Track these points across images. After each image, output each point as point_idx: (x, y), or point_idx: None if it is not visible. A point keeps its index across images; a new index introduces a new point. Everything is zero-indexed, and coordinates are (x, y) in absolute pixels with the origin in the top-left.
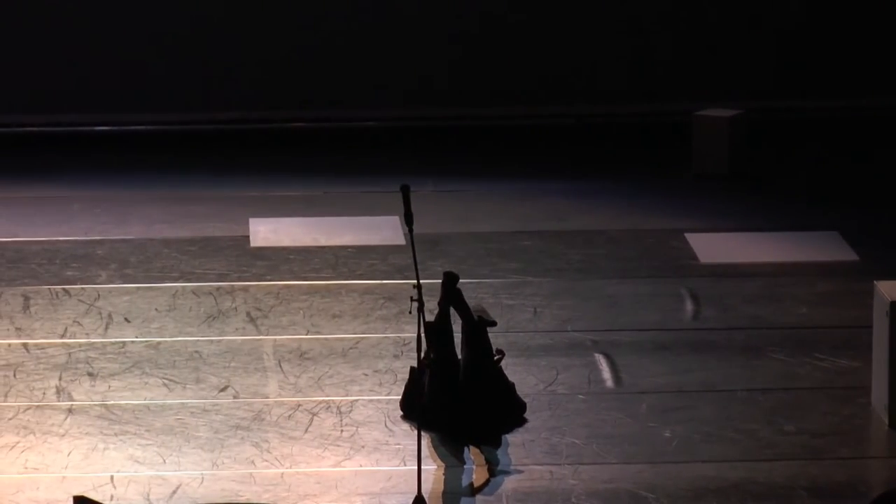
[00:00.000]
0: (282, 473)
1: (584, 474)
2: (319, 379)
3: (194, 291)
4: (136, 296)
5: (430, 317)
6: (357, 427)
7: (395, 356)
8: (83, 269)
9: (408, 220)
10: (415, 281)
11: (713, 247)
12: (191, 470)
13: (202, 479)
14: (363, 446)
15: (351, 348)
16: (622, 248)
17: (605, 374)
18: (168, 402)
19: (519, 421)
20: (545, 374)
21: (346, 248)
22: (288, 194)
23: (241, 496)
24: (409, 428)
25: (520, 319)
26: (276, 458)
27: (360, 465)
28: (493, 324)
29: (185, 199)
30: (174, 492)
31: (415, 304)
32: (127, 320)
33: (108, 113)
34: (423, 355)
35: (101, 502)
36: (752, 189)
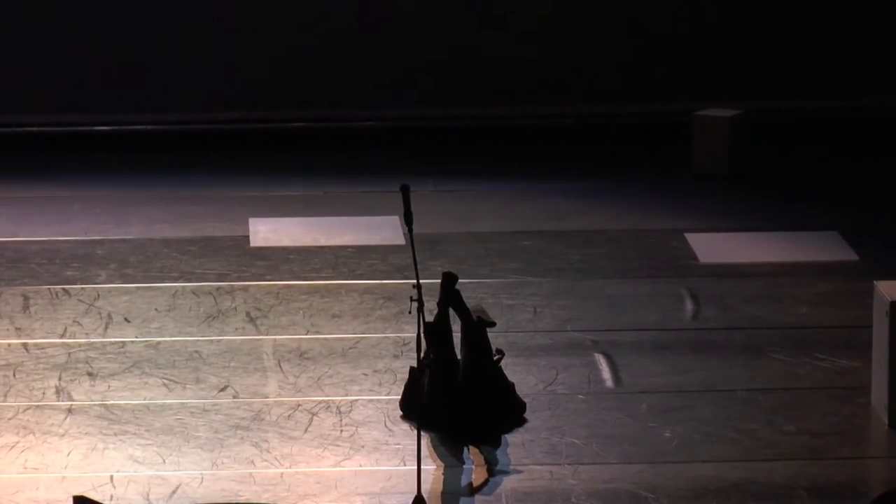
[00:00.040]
0: (281, 473)
1: (584, 474)
2: (319, 379)
3: (194, 291)
4: (136, 296)
5: (429, 317)
6: (357, 427)
7: (395, 356)
8: (83, 268)
9: (408, 220)
10: (414, 281)
11: (713, 247)
12: (190, 470)
13: (202, 478)
14: (363, 446)
15: (351, 348)
16: (622, 248)
17: (605, 374)
18: (168, 402)
19: (519, 421)
20: (545, 373)
21: (345, 248)
22: (288, 194)
23: (241, 496)
24: (408, 428)
25: (519, 319)
26: (275, 458)
27: (360, 465)
28: (492, 324)
29: (185, 199)
30: (174, 492)
31: (414, 304)
32: (127, 320)
33: (108, 113)
34: (422, 355)
35: (101, 502)
36: (752, 189)
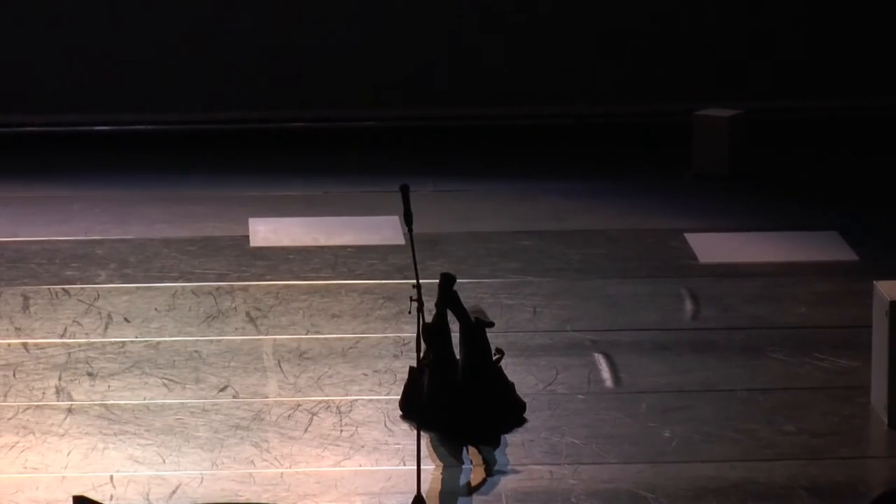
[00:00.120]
0: (281, 473)
1: (584, 474)
2: (319, 379)
3: (194, 291)
4: (136, 296)
5: (429, 317)
6: (357, 427)
7: (395, 356)
8: (83, 268)
9: (407, 219)
10: (414, 281)
11: (713, 247)
12: (190, 470)
13: (202, 478)
14: (363, 446)
15: (350, 348)
16: (622, 248)
17: (605, 373)
18: (168, 401)
19: (518, 421)
20: (545, 373)
21: (345, 247)
22: (288, 194)
23: (241, 496)
24: (408, 428)
25: (519, 319)
26: (275, 458)
27: (360, 465)
28: (491, 324)
29: (185, 199)
30: (174, 492)
31: (414, 304)
32: (126, 320)
33: (108, 113)
34: (422, 355)
35: (101, 502)
36: (751, 189)
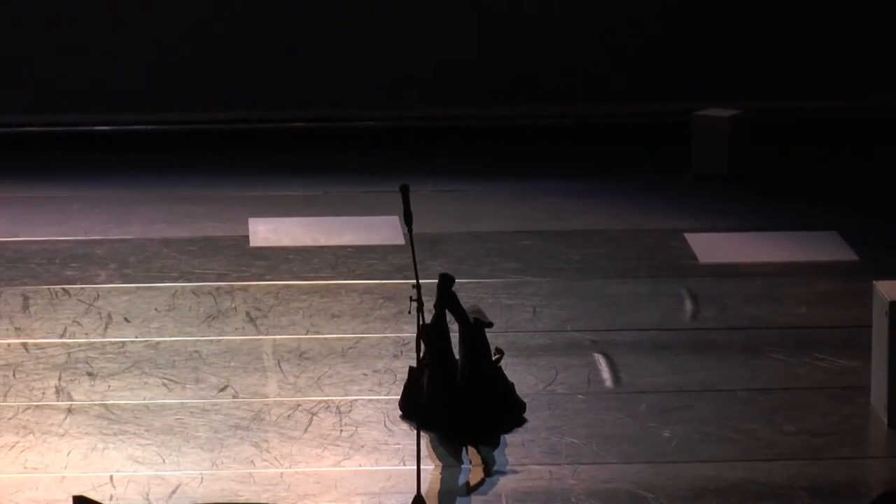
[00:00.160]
0: (281, 473)
1: (584, 474)
2: (319, 379)
3: (194, 291)
4: (136, 296)
5: (429, 317)
6: (356, 427)
7: (395, 356)
8: (83, 268)
9: (407, 219)
10: (414, 281)
11: (713, 247)
12: (190, 470)
13: (201, 478)
14: (362, 446)
15: (350, 348)
16: (622, 248)
17: (605, 373)
18: (167, 401)
19: (518, 421)
20: (544, 373)
21: (345, 247)
22: (288, 194)
23: (241, 496)
24: (408, 428)
25: (519, 319)
26: (275, 458)
27: (360, 465)
28: (490, 325)
29: (185, 199)
30: (173, 492)
31: (414, 304)
32: (126, 320)
33: (108, 113)
34: (421, 355)
35: (101, 502)
36: (751, 189)
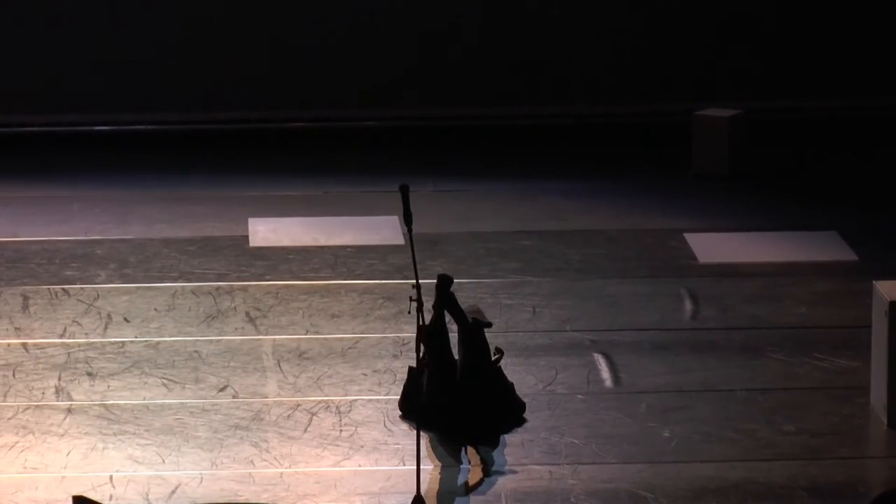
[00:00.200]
0: (281, 473)
1: (584, 474)
2: (318, 379)
3: (193, 291)
4: (136, 296)
5: (429, 317)
6: (356, 427)
7: (395, 356)
8: (82, 268)
9: (407, 220)
10: (414, 281)
11: (712, 247)
12: (190, 470)
13: (201, 478)
14: (362, 446)
15: (350, 348)
16: (622, 248)
17: (605, 373)
18: (167, 401)
19: (518, 421)
20: (544, 373)
21: (345, 247)
22: (288, 194)
23: (241, 496)
24: (408, 428)
25: (519, 319)
26: (275, 458)
27: (360, 465)
28: (489, 325)
29: (185, 199)
30: (173, 492)
31: (414, 304)
32: (126, 320)
33: (108, 113)
34: (421, 355)
35: (101, 502)
36: (751, 189)
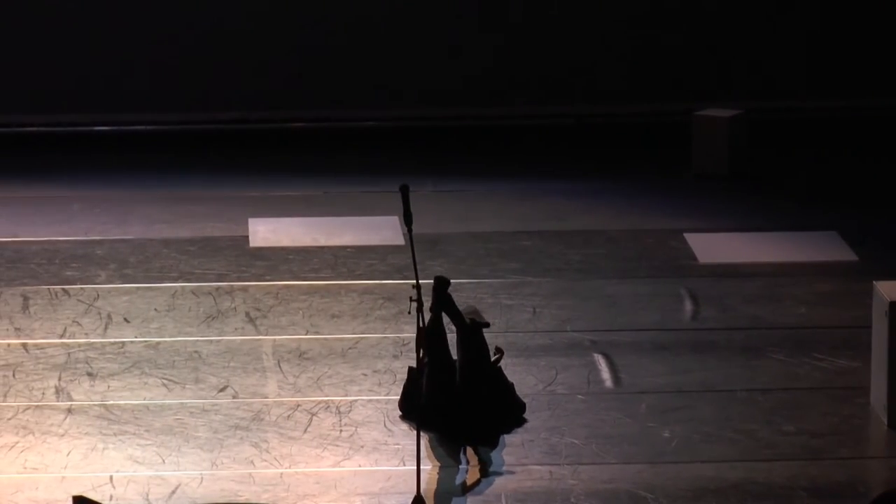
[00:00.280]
0: (281, 473)
1: (584, 474)
2: (318, 379)
3: (193, 291)
4: (136, 296)
5: (429, 318)
6: (356, 427)
7: (395, 356)
8: (82, 269)
9: (407, 220)
10: (414, 281)
11: (713, 247)
12: (190, 470)
13: (201, 479)
14: (362, 446)
15: (350, 348)
16: (622, 248)
17: (605, 374)
18: (167, 402)
19: (518, 421)
20: (544, 374)
21: (345, 248)
22: (288, 194)
23: (241, 496)
24: (408, 428)
25: (519, 319)
26: (275, 458)
27: (360, 465)
28: (487, 325)
29: (185, 199)
30: (173, 492)
31: (414, 305)
32: (126, 320)
33: (108, 113)
34: (421, 355)
35: (101, 502)
36: (751, 189)
